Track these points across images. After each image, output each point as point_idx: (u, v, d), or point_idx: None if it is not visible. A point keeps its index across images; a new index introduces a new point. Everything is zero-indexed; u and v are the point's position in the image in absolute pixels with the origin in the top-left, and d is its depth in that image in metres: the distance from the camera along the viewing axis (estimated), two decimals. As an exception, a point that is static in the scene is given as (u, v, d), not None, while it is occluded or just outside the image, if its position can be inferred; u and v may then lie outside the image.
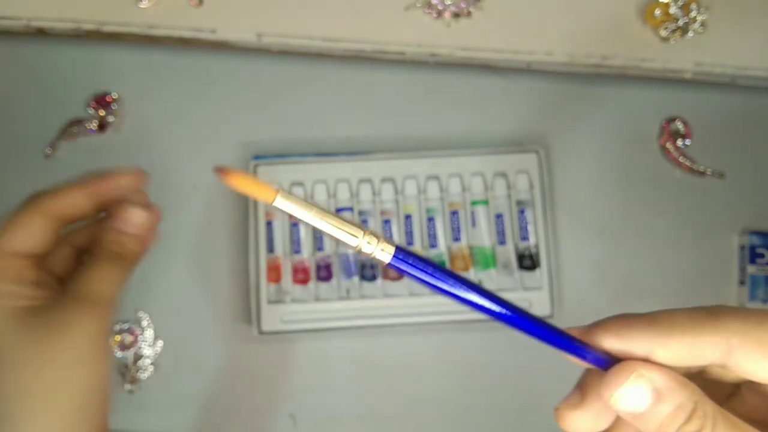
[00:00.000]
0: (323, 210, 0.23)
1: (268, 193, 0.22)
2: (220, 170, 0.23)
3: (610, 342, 0.27)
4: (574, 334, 0.27)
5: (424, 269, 0.25)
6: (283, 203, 0.22)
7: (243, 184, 0.22)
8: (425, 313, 0.53)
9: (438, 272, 0.25)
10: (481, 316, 0.26)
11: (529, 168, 0.55)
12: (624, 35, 0.55)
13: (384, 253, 0.23)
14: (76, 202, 0.37)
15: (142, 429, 0.54)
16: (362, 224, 0.24)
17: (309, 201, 0.23)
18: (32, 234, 0.35)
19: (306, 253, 0.54)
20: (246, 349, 0.55)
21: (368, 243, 0.23)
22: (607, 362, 0.27)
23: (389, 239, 0.24)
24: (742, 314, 0.25)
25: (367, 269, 0.54)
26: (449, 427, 0.56)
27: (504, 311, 0.26)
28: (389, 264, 0.24)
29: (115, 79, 0.57)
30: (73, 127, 0.56)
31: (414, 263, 0.24)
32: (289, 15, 0.54)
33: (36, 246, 0.36)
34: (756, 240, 0.55)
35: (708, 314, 0.26)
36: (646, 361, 0.26)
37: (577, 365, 0.28)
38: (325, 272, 0.54)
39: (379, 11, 0.54)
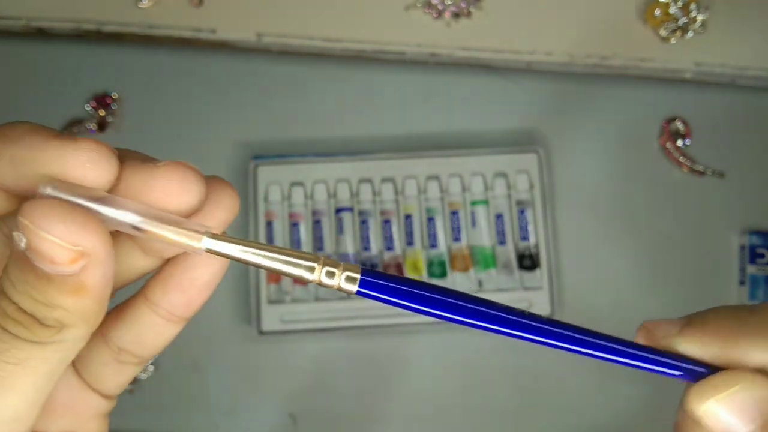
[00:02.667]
0: (266, 245, 0.19)
1: (195, 237, 0.19)
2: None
3: (701, 348, 0.21)
4: (643, 341, 0.22)
5: (405, 292, 0.20)
6: (213, 243, 0.18)
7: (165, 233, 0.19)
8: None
9: (422, 291, 0.20)
10: None
11: (529, 168, 0.55)
12: (624, 35, 0.55)
13: (349, 283, 0.19)
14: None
15: (142, 429, 0.54)
16: (315, 254, 0.20)
17: (244, 240, 0.19)
18: None
19: (306, 253, 0.54)
20: (246, 349, 0.55)
21: (327, 273, 0.19)
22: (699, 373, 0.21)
23: (351, 264, 0.20)
24: None
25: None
26: (449, 427, 0.56)
27: (521, 324, 0.20)
28: (358, 292, 0.19)
29: (115, 79, 0.57)
30: (73, 127, 0.56)
31: (389, 285, 0.20)
32: (289, 15, 0.54)
33: None
34: (756, 240, 0.55)
35: None
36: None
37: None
38: (325, 272, 0.53)
39: (379, 11, 0.54)
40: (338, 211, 0.54)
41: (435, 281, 0.53)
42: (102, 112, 0.56)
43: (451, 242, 0.54)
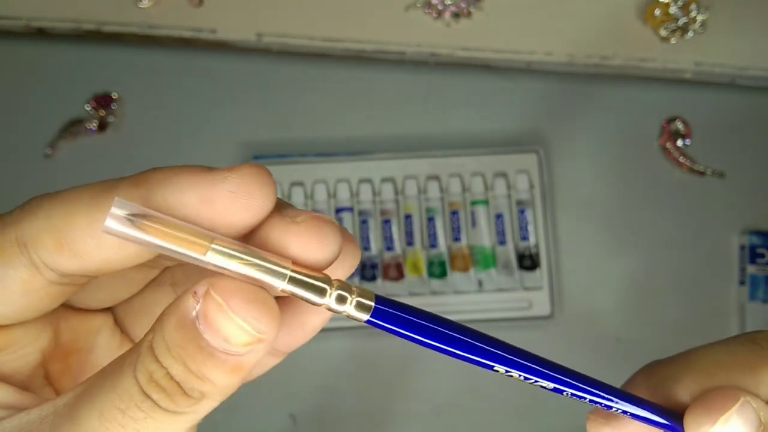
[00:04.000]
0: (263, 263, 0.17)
1: (200, 246, 0.17)
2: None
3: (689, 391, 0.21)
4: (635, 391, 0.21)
5: (420, 326, 0.18)
6: (216, 259, 0.17)
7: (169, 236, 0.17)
8: (425, 313, 0.53)
9: (440, 326, 0.19)
10: (480, 316, 0.23)
11: (529, 168, 0.55)
12: (624, 35, 0.55)
13: (360, 311, 0.18)
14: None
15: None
16: (326, 275, 0.18)
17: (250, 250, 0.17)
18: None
19: (306, 253, 0.54)
20: (246, 349, 0.55)
21: (338, 296, 0.17)
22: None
23: (364, 288, 0.18)
24: None
25: (367, 269, 0.54)
26: (449, 427, 0.56)
27: (541, 370, 0.20)
28: (368, 322, 0.18)
29: (115, 79, 0.57)
30: (73, 127, 0.56)
31: (403, 315, 0.18)
32: (289, 15, 0.54)
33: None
34: (756, 240, 0.55)
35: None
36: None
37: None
38: (325, 272, 0.54)
39: (379, 11, 0.54)
40: (338, 211, 0.54)
41: (435, 281, 0.53)
42: (102, 112, 0.56)
43: (451, 242, 0.54)
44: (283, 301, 0.19)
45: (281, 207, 0.18)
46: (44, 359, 0.20)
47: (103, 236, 0.17)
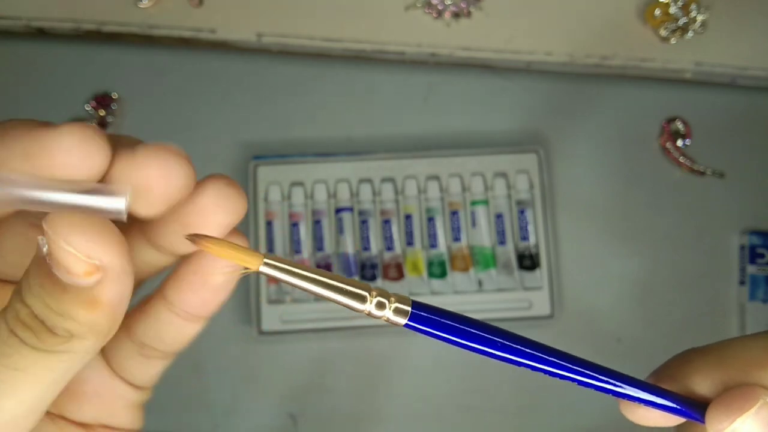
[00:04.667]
0: (319, 271, 0.19)
1: (254, 260, 0.18)
2: (195, 238, 0.18)
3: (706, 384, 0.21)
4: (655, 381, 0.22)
5: (454, 328, 0.19)
6: (269, 270, 0.18)
7: (225, 252, 0.18)
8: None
9: (475, 328, 0.20)
10: (480, 316, 0.24)
11: (529, 168, 0.55)
12: (624, 35, 0.55)
13: (398, 315, 0.19)
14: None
15: (142, 429, 0.54)
16: (366, 283, 0.19)
17: (299, 264, 0.18)
18: None
19: (306, 252, 0.54)
20: (246, 349, 0.55)
21: (378, 303, 0.19)
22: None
23: (400, 294, 0.19)
24: None
25: (368, 269, 0.54)
26: (449, 427, 0.56)
27: (574, 368, 0.20)
28: (406, 325, 0.19)
29: (115, 79, 0.57)
30: (73, 127, 0.56)
31: (437, 319, 0.19)
32: (289, 15, 0.54)
33: None
34: (756, 240, 0.55)
35: None
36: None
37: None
38: (325, 272, 0.53)
39: (379, 11, 0.54)
40: (338, 211, 0.54)
41: (435, 281, 0.53)
42: (102, 112, 0.56)
43: (451, 242, 0.54)
44: (183, 259, 0.20)
45: (132, 142, 0.19)
46: None
47: None
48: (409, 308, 0.19)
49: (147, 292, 0.22)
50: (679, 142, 0.57)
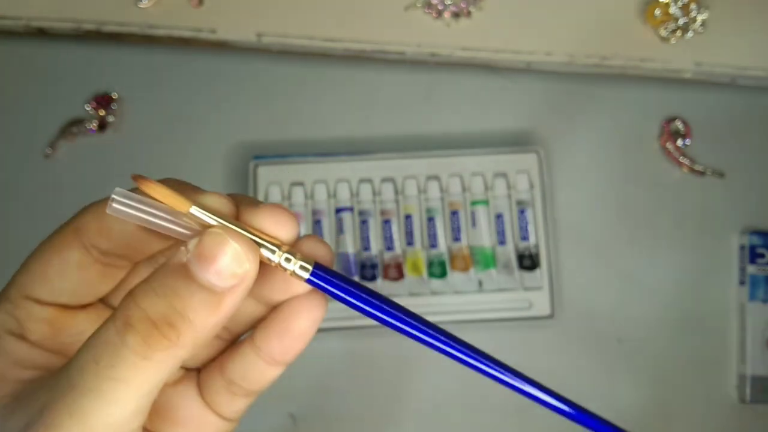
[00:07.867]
0: (242, 225, 0.21)
1: (182, 204, 0.21)
2: (137, 178, 0.21)
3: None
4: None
5: (347, 290, 0.22)
6: (198, 213, 0.21)
7: (158, 192, 0.21)
8: (425, 313, 0.53)
9: (368, 296, 0.23)
10: (480, 316, 0.24)
11: (529, 168, 0.55)
12: (624, 35, 0.55)
13: (302, 270, 0.22)
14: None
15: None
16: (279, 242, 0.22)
17: (225, 217, 0.21)
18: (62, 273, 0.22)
19: (306, 253, 0.54)
20: (246, 349, 0.55)
21: (286, 259, 0.21)
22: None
23: (307, 257, 0.22)
24: None
25: (368, 269, 0.54)
26: (449, 426, 0.56)
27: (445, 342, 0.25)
28: (307, 280, 0.22)
29: (115, 79, 0.57)
30: (73, 127, 0.56)
31: (335, 283, 0.22)
32: (289, 15, 0.54)
33: (68, 291, 0.23)
34: (756, 240, 0.55)
35: None
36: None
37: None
38: (325, 272, 0.54)
39: (379, 11, 0.54)
40: (338, 211, 0.54)
41: (435, 281, 0.53)
42: (102, 112, 0.56)
43: (451, 242, 0.54)
44: (273, 310, 0.23)
45: (252, 202, 0.22)
46: None
47: (124, 221, 0.21)
48: (311, 267, 0.22)
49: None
50: (679, 142, 0.57)
